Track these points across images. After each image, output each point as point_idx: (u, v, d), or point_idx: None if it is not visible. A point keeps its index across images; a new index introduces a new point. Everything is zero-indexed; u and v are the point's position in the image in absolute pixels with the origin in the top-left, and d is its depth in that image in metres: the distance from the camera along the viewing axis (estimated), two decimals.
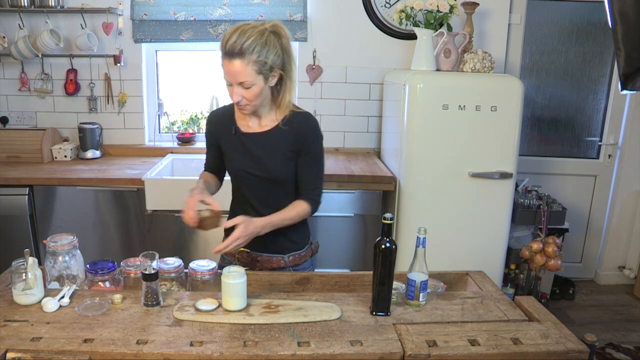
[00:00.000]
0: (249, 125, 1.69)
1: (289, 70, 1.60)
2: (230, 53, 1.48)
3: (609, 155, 3.64)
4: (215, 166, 1.83)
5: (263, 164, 1.67)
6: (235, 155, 1.72)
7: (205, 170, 1.86)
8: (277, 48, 1.53)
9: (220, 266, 1.83)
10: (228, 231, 1.64)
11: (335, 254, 2.88)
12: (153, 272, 1.40)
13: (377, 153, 3.36)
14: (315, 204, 1.72)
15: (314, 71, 3.26)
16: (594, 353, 1.29)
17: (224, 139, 1.73)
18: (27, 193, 2.73)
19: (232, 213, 1.81)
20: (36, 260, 1.43)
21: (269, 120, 1.68)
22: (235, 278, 1.39)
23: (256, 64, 1.50)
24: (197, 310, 1.39)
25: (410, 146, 2.65)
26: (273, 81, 1.58)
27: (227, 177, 1.84)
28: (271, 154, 1.67)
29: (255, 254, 1.77)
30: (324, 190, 1.79)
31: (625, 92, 1.71)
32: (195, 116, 3.57)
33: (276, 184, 1.70)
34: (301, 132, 1.66)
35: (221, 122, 1.74)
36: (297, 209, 1.69)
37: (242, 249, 1.76)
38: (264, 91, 1.57)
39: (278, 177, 1.69)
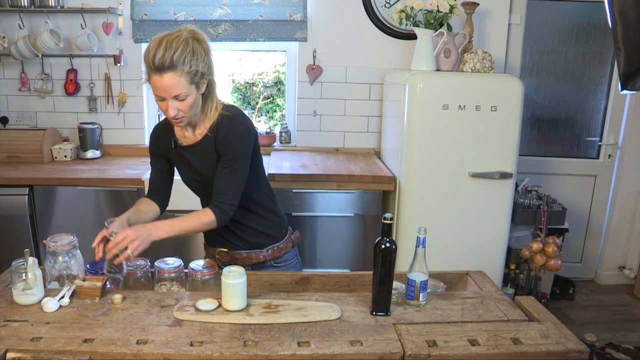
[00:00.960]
0: (185, 136, 1.68)
1: (213, 74, 1.59)
2: (160, 68, 1.45)
3: (609, 155, 3.64)
4: (159, 184, 1.78)
5: (202, 174, 1.68)
6: (180, 168, 1.75)
7: (147, 194, 1.80)
8: (202, 54, 1.51)
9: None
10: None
11: (335, 254, 2.88)
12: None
13: (377, 153, 3.36)
14: (221, 213, 1.59)
15: (314, 71, 3.26)
16: (594, 353, 1.29)
17: (168, 152, 1.74)
18: (27, 193, 2.73)
19: None
20: (36, 260, 1.43)
21: (201, 129, 1.65)
22: (235, 278, 1.39)
23: (188, 74, 1.48)
24: (197, 310, 1.39)
25: (410, 146, 2.65)
26: (203, 88, 1.56)
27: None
28: (205, 164, 1.66)
29: (233, 252, 1.77)
30: (327, 191, 1.75)
31: (625, 92, 1.72)
32: None
33: None
34: (220, 135, 1.61)
35: (163, 136, 1.73)
36: (199, 218, 1.59)
37: (220, 249, 1.77)
38: (197, 100, 1.56)
39: None
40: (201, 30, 1.55)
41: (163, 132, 1.74)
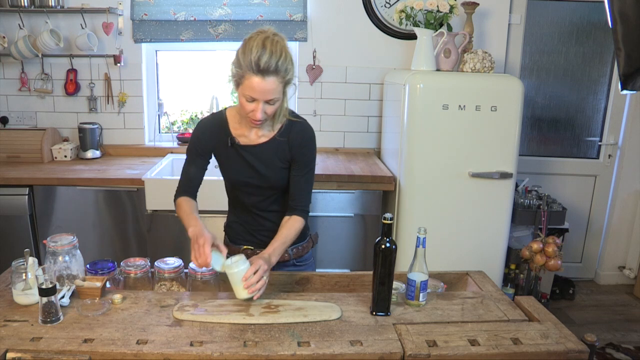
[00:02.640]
0: (245, 135, 1.67)
1: (294, 82, 1.61)
2: (265, 71, 1.45)
3: (609, 155, 3.64)
4: (196, 182, 1.74)
5: (262, 174, 1.67)
6: (232, 166, 1.70)
7: (181, 194, 1.71)
8: (293, 64, 1.53)
9: None
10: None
11: (335, 254, 2.88)
12: (51, 286, 1.31)
13: (377, 153, 3.36)
14: (306, 215, 1.70)
15: (314, 71, 3.26)
16: (594, 353, 1.29)
17: (218, 149, 1.70)
18: (27, 193, 2.73)
19: (232, 211, 1.83)
20: (36, 260, 1.43)
21: (266, 131, 1.66)
22: (238, 266, 1.39)
23: (285, 81, 1.51)
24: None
25: (410, 146, 2.65)
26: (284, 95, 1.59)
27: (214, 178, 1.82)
28: (269, 166, 1.66)
29: (259, 251, 1.77)
30: (327, 191, 1.78)
31: (625, 92, 1.72)
32: (195, 116, 3.57)
33: (274, 191, 1.72)
34: (297, 143, 1.65)
35: (215, 132, 1.69)
36: (295, 228, 1.66)
37: (245, 246, 1.77)
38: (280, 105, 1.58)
39: (277, 186, 1.70)
40: (263, 46, 1.47)
41: (215, 128, 1.69)
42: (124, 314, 1.38)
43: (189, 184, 1.73)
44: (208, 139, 1.69)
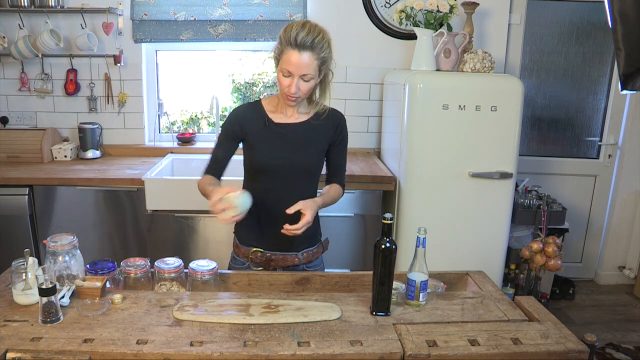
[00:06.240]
0: (280, 116, 1.74)
1: (332, 66, 1.71)
2: (301, 45, 1.56)
3: (609, 155, 3.64)
4: (223, 164, 1.77)
5: (299, 154, 1.72)
6: (266, 148, 1.72)
7: (207, 174, 1.76)
8: (330, 47, 1.64)
9: (232, 267, 1.85)
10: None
11: (335, 254, 2.88)
12: (51, 286, 1.32)
13: (377, 153, 3.36)
14: (344, 187, 1.87)
15: None
16: (594, 353, 1.29)
17: (253, 132, 1.73)
18: (27, 193, 2.73)
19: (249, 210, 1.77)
20: (36, 260, 1.43)
21: (300, 114, 1.75)
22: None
23: (320, 60, 1.61)
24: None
25: (410, 146, 2.65)
26: (321, 77, 1.67)
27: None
28: (306, 146, 1.73)
29: (270, 253, 1.77)
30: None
31: (625, 92, 1.72)
32: (195, 116, 3.57)
33: (306, 175, 1.76)
34: (335, 124, 1.79)
35: (250, 115, 1.75)
36: (337, 192, 1.82)
37: (255, 249, 1.77)
38: (315, 86, 1.67)
39: (311, 169, 1.76)
40: (303, 24, 1.61)
41: (250, 113, 1.76)
42: (124, 314, 1.38)
43: (214, 165, 1.78)
44: (243, 121, 1.74)
